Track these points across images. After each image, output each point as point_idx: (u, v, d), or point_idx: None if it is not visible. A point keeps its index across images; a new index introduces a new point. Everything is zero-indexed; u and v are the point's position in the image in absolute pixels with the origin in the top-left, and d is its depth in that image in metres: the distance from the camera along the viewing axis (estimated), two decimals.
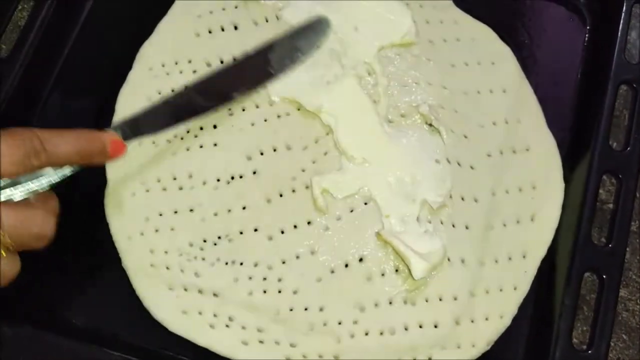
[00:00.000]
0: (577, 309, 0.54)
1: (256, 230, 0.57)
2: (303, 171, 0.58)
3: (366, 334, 0.55)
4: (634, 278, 0.61)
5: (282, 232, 0.57)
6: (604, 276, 0.54)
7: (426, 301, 0.55)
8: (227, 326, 0.55)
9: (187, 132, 0.60)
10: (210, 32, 0.64)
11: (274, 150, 0.59)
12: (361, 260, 0.56)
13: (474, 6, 0.66)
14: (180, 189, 0.59)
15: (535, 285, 0.57)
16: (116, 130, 0.51)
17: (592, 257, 0.55)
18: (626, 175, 0.57)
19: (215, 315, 0.55)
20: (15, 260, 0.46)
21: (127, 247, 0.57)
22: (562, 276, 0.55)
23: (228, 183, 0.59)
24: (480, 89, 0.62)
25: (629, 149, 0.58)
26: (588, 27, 0.66)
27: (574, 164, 0.60)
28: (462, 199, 0.58)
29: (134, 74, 0.63)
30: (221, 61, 0.62)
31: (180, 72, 0.62)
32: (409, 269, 0.55)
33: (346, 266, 0.56)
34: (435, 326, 0.55)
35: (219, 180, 0.59)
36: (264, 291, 0.56)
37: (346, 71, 0.61)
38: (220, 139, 0.60)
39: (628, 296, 0.60)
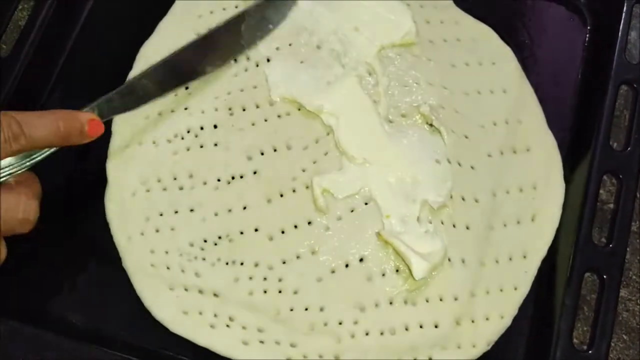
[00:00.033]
0: (577, 309, 0.54)
1: (257, 230, 0.57)
2: (303, 171, 0.58)
3: (366, 334, 0.55)
4: (634, 278, 0.61)
5: (283, 232, 0.57)
6: (604, 276, 0.54)
7: (427, 301, 0.55)
8: (227, 326, 0.55)
9: (188, 131, 0.60)
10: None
11: (275, 150, 0.59)
12: (362, 260, 0.56)
13: (474, 6, 0.66)
14: (181, 189, 0.59)
15: (535, 285, 0.57)
16: (92, 110, 0.52)
17: (593, 257, 0.55)
18: (626, 176, 0.57)
19: (215, 315, 0.55)
20: (1, 247, 0.46)
21: (128, 247, 0.57)
22: (563, 276, 0.55)
23: (228, 183, 0.59)
24: (480, 89, 0.62)
25: (629, 149, 0.58)
26: (588, 27, 0.66)
27: (574, 164, 0.60)
28: (463, 199, 0.58)
29: (135, 74, 0.63)
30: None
31: None
32: (410, 269, 0.55)
33: (347, 266, 0.56)
34: (436, 326, 0.55)
35: (219, 180, 0.59)
36: (265, 291, 0.56)
37: (347, 71, 0.61)
38: (221, 138, 0.60)
39: (628, 296, 0.60)
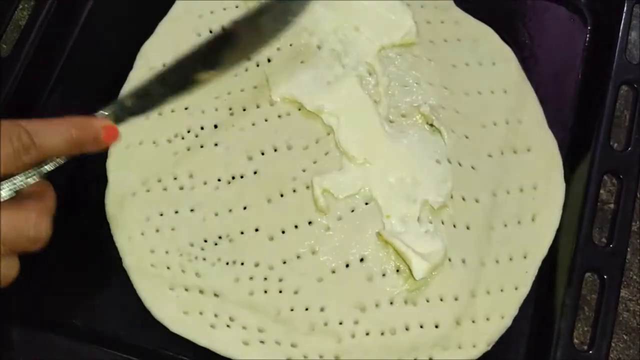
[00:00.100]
0: (578, 309, 0.54)
1: (257, 230, 0.57)
2: (304, 171, 0.58)
3: (367, 334, 0.55)
4: (634, 278, 0.61)
5: (283, 232, 0.57)
6: (604, 276, 0.54)
7: (427, 301, 0.55)
8: (228, 326, 0.55)
9: (188, 131, 0.60)
10: (211, 32, 0.64)
11: (275, 150, 0.59)
12: (362, 260, 0.56)
13: (475, 6, 0.66)
14: (181, 188, 0.59)
15: (536, 285, 0.57)
16: (107, 115, 0.48)
17: (593, 257, 0.55)
18: (627, 176, 0.57)
19: (216, 315, 0.55)
20: (13, 263, 0.43)
21: (128, 247, 0.57)
22: (563, 276, 0.55)
23: (229, 183, 0.59)
24: (481, 89, 0.62)
25: (629, 149, 0.58)
26: (589, 28, 0.66)
27: (574, 164, 0.60)
28: (463, 199, 0.58)
29: (135, 73, 0.63)
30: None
31: None
32: (410, 269, 0.55)
33: (347, 266, 0.56)
34: (436, 326, 0.55)
35: (219, 180, 0.59)
36: (265, 291, 0.56)
37: (347, 71, 0.61)
38: (221, 138, 0.60)
39: (629, 296, 0.60)
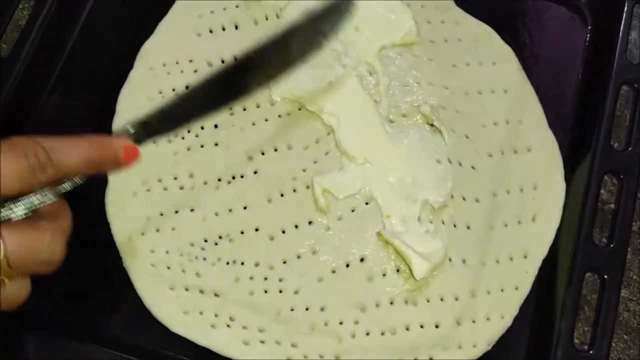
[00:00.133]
0: (578, 309, 0.54)
1: (257, 230, 0.57)
2: (304, 171, 0.58)
3: (367, 334, 0.55)
4: (635, 278, 0.61)
5: (283, 232, 0.57)
6: (605, 276, 0.54)
7: (427, 301, 0.55)
8: (228, 326, 0.55)
9: (188, 131, 0.60)
10: (211, 32, 0.64)
11: (275, 150, 0.59)
12: (362, 260, 0.56)
13: (475, 6, 0.66)
14: (181, 188, 0.59)
15: (536, 285, 0.57)
16: (127, 134, 0.45)
17: (594, 257, 0.55)
18: (627, 176, 0.57)
19: (216, 315, 0.55)
20: (24, 284, 0.41)
21: (128, 246, 0.57)
22: (564, 276, 0.55)
23: (229, 183, 0.58)
24: (481, 89, 0.62)
25: (630, 149, 0.58)
26: (589, 27, 0.66)
27: (575, 164, 0.60)
28: (464, 199, 0.58)
29: (135, 73, 0.63)
30: (222, 60, 0.62)
31: (182, 71, 0.62)
32: (410, 269, 0.55)
33: (347, 266, 0.56)
34: (437, 326, 0.55)
35: (220, 180, 0.58)
36: (265, 291, 0.56)
37: (347, 71, 0.61)
38: (221, 138, 0.60)
39: (629, 296, 0.60)
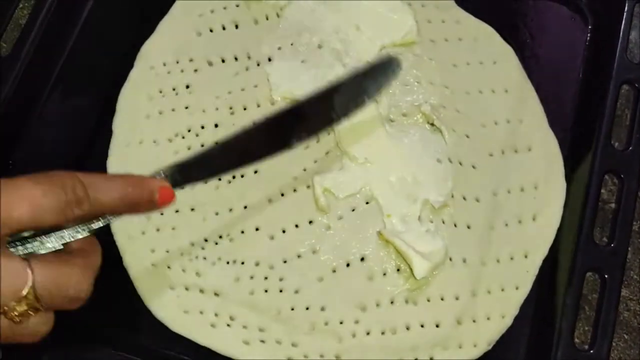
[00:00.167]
0: (578, 308, 0.54)
1: (257, 229, 0.57)
2: (304, 170, 0.58)
3: (368, 333, 0.55)
4: (635, 278, 0.61)
5: (284, 231, 0.57)
6: (605, 276, 0.54)
7: (428, 301, 0.55)
8: (228, 326, 0.55)
9: (189, 131, 0.60)
10: (211, 31, 0.64)
11: None
12: (363, 259, 0.56)
13: (476, 6, 0.66)
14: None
15: (536, 285, 0.57)
16: (165, 176, 0.44)
17: (594, 256, 0.55)
18: (628, 175, 0.57)
19: (216, 314, 0.55)
20: (48, 318, 0.40)
21: (128, 246, 0.57)
22: (564, 276, 0.55)
23: (229, 182, 0.58)
24: (482, 89, 0.62)
25: (630, 148, 0.58)
26: (590, 27, 0.66)
27: (575, 163, 0.60)
28: (464, 198, 0.58)
29: (135, 73, 0.63)
30: (222, 60, 0.62)
31: (182, 70, 0.62)
32: (411, 269, 0.55)
33: (348, 265, 0.56)
34: (437, 326, 0.55)
35: (220, 180, 0.58)
36: (265, 290, 0.56)
37: (348, 70, 0.61)
38: (222, 138, 0.59)
39: (629, 296, 0.60)
